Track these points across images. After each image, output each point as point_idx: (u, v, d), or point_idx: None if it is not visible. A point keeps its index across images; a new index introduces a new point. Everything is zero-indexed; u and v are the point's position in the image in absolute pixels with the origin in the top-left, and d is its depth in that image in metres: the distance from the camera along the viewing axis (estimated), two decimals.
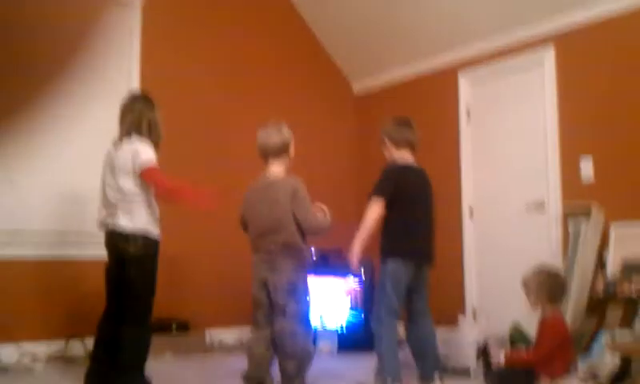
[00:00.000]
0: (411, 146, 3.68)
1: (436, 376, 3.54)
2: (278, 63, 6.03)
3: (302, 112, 5.86)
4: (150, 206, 3.35)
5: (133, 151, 3.29)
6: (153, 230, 3.34)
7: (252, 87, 5.75)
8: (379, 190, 3.52)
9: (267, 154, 3.43)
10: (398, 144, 3.66)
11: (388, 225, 3.54)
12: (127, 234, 3.27)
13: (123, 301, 3.28)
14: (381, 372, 3.43)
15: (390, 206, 3.51)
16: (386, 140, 3.69)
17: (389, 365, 3.42)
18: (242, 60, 5.76)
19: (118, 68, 5.04)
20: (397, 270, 3.49)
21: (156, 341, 3.56)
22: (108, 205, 3.35)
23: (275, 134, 3.42)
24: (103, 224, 3.37)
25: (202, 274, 5.19)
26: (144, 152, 3.29)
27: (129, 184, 3.29)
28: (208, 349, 4.99)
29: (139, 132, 3.35)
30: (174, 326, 4.77)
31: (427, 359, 3.57)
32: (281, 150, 3.43)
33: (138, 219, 3.28)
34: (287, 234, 3.33)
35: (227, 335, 5.23)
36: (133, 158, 3.28)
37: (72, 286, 4.58)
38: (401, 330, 3.68)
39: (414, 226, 3.57)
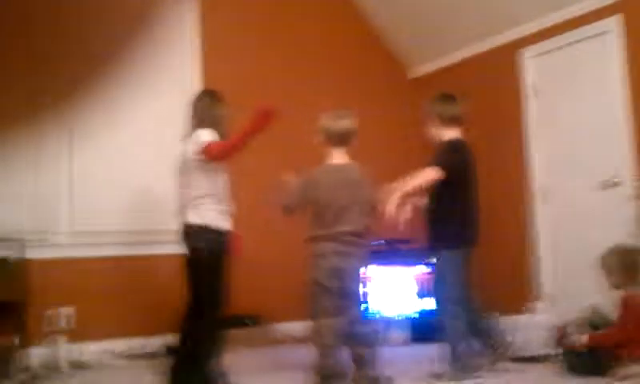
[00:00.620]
0: (459, 123, 3.57)
1: (502, 351, 3.46)
2: (332, 51, 6.06)
3: (357, 99, 5.79)
4: (215, 199, 3.38)
5: (193, 141, 3.36)
6: (218, 224, 3.37)
7: (309, 78, 5.79)
8: (443, 162, 3.40)
9: (340, 140, 3.42)
10: (448, 121, 3.54)
11: (452, 212, 3.44)
12: (191, 229, 3.34)
13: (190, 294, 3.33)
14: (453, 362, 3.38)
15: (452, 189, 3.41)
16: (435, 118, 3.57)
17: (460, 354, 3.36)
18: (299, 51, 5.84)
19: (182, 65, 5.23)
20: (463, 258, 3.43)
21: (229, 334, 3.60)
22: (180, 201, 3.44)
23: (346, 121, 3.43)
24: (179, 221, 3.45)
25: (271, 268, 5.21)
26: (202, 136, 3.33)
27: (193, 178, 3.35)
28: (278, 341, 5.03)
29: (204, 127, 3.40)
30: (245, 319, 4.83)
31: (489, 339, 3.51)
32: (350, 139, 3.44)
33: (202, 214, 3.33)
34: (362, 217, 3.36)
35: (297, 327, 5.24)
36: (193, 147, 3.34)
37: (148, 284, 4.74)
38: None
39: (474, 211, 3.50)
